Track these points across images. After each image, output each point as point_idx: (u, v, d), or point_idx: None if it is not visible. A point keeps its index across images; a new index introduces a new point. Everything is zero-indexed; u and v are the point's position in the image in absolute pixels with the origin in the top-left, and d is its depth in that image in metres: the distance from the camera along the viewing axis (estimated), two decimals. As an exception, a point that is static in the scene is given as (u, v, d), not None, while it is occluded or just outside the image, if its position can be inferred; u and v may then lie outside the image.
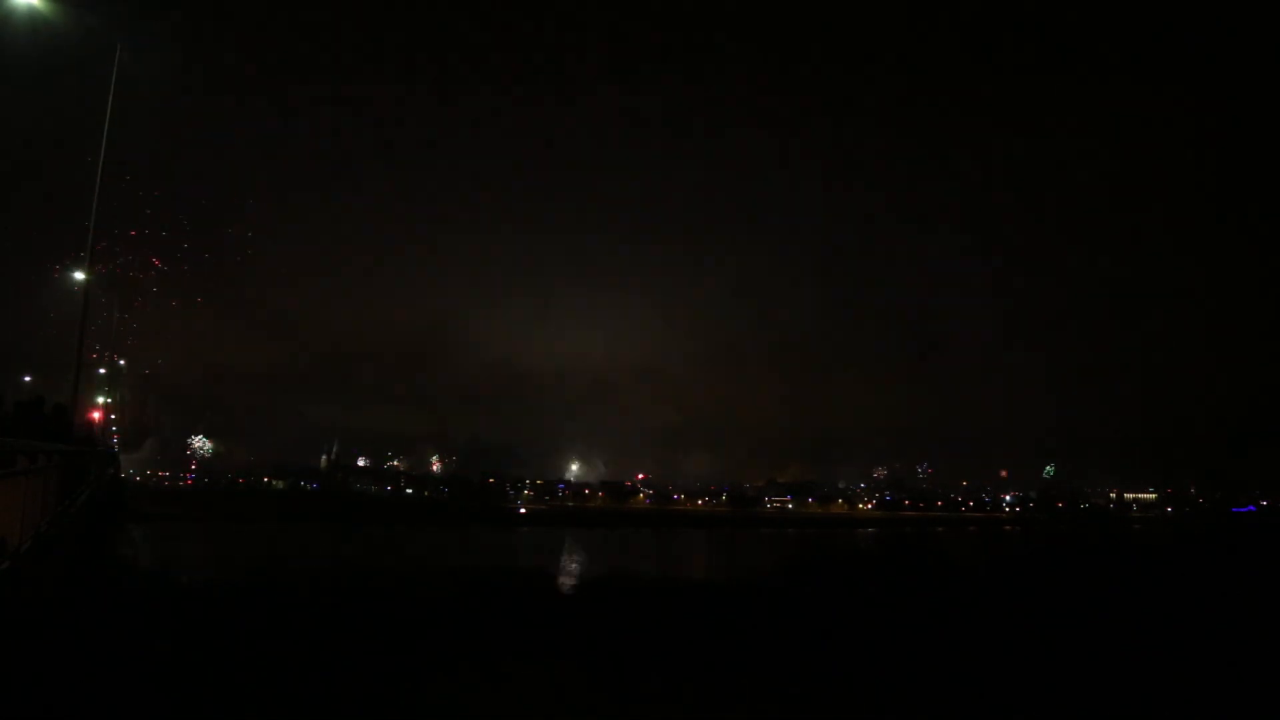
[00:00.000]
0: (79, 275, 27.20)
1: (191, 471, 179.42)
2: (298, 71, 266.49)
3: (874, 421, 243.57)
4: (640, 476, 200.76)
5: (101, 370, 60.15)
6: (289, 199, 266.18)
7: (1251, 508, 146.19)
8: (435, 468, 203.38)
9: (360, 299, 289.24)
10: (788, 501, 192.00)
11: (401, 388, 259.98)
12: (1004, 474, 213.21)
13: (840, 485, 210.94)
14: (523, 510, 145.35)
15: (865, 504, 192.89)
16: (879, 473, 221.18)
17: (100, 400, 64.08)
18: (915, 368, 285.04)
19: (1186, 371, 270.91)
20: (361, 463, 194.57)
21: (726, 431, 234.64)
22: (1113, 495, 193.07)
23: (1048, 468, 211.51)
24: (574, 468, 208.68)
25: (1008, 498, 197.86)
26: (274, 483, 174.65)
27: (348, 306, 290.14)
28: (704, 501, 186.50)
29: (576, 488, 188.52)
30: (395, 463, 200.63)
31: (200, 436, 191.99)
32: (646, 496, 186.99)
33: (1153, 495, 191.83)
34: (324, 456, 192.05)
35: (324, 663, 17.66)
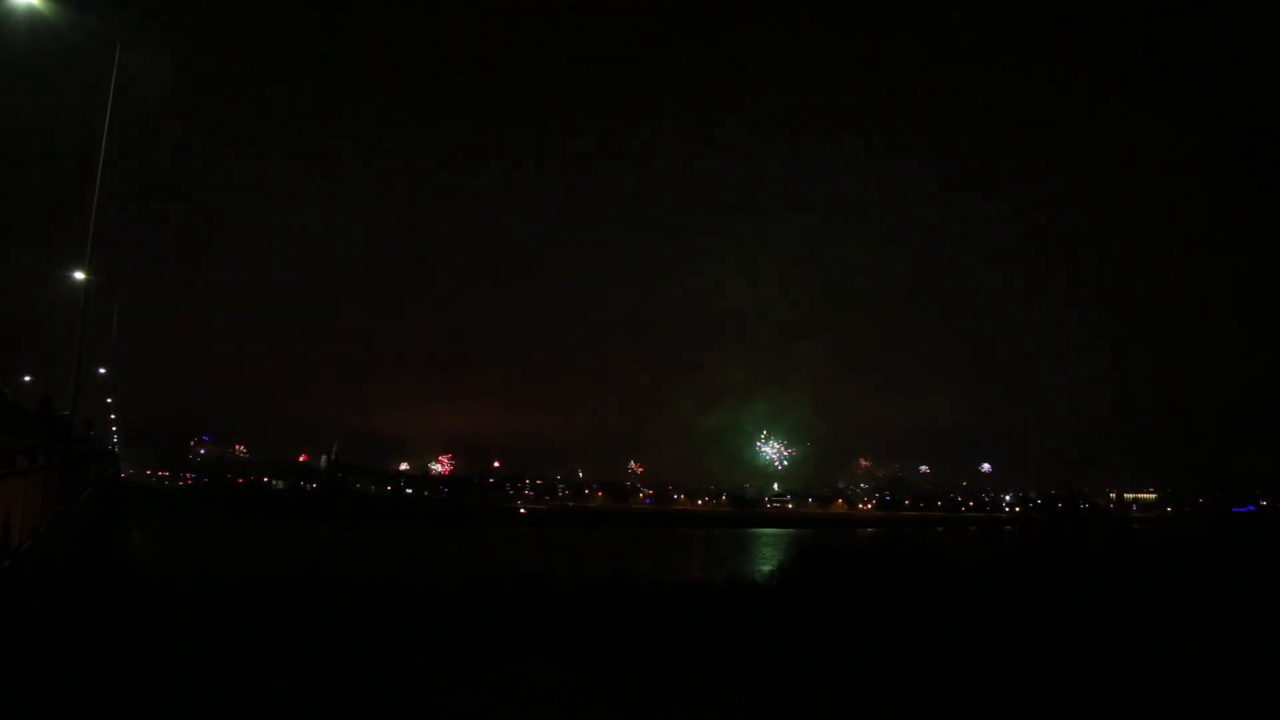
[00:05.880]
0: (79, 275, 27.14)
1: (191, 471, 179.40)
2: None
3: (875, 422, 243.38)
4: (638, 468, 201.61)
5: (102, 370, 60.10)
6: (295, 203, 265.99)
7: (1251, 507, 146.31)
8: (435, 467, 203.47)
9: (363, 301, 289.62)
10: (788, 501, 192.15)
11: (403, 388, 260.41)
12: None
13: (840, 485, 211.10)
14: (523, 510, 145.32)
15: (865, 504, 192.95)
16: (884, 471, 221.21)
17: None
18: (916, 370, 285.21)
19: (1187, 371, 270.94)
20: (362, 463, 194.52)
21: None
22: (1113, 495, 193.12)
23: None
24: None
25: (1008, 498, 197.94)
26: (274, 483, 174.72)
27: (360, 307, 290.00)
28: (704, 501, 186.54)
29: (576, 487, 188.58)
30: (395, 464, 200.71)
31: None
32: (646, 496, 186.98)
33: (1153, 495, 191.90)
34: (324, 456, 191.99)
35: (324, 663, 17.65)
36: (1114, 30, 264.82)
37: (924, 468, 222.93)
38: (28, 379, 51.34)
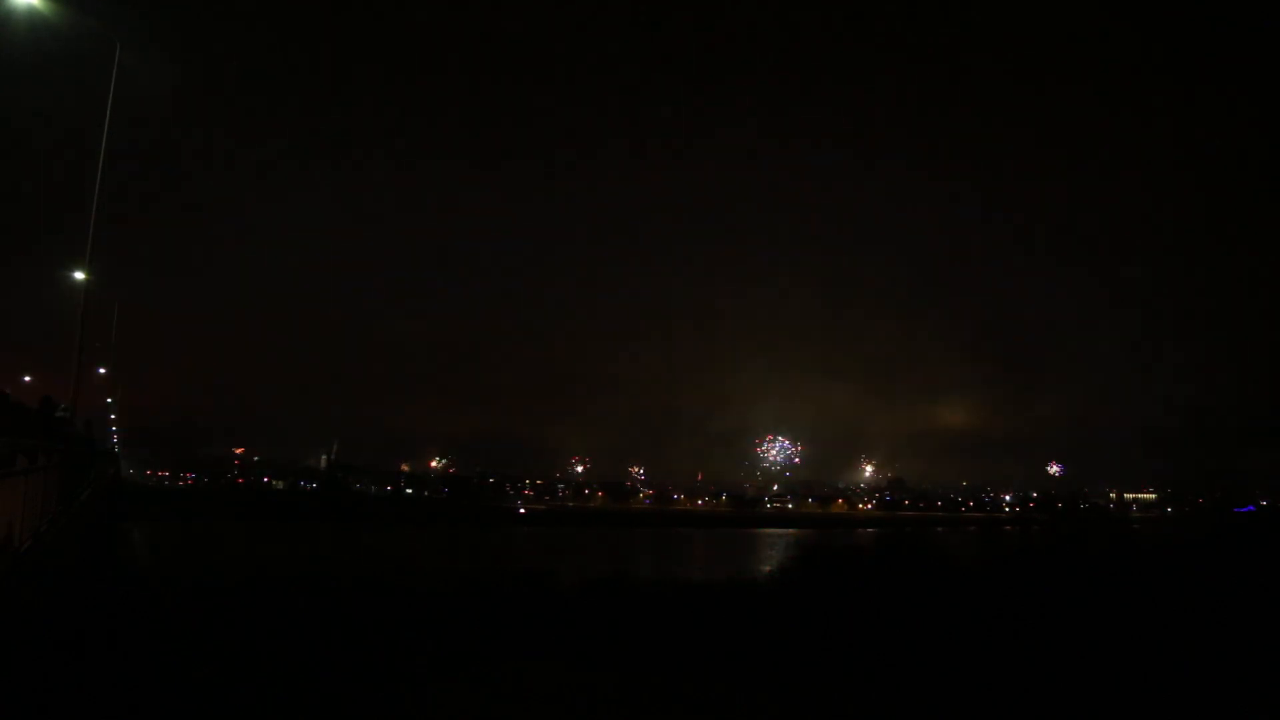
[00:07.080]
0: (79, 275, 27.19)
1: (191, 471, 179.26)
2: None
3: (876, 422, 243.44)
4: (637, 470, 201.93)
5: (102, 370, 60.16)
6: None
7: (1251, 508, 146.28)
8: (435, 467, 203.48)
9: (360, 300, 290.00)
10: (787, 502, 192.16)
11: (403, 387, 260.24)
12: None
13: (840, 485, 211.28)
14: (522, 510, 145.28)
15: (865, 504, 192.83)
16: (882, 472, 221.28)
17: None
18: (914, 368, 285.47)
19: (1187, 371, 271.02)
20: (362, 463, 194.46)
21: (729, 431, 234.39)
22: (1113, 495, 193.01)
23: None
24: (576, 469, 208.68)
25: (1008, 498, 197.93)
26: (274, 483, 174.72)
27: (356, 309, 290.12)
28: (704, 501, 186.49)
29: (576, 487, 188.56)
30: (396, 463, 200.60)
31: None
32: (646, 497, 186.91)
33: (1153, 495, 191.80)
34: (324, 456, 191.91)
35: (324, 663, 17.66)
36: (1124, 27, 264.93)
37: (924, 466, 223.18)
38: (28, 379, 51.40)
